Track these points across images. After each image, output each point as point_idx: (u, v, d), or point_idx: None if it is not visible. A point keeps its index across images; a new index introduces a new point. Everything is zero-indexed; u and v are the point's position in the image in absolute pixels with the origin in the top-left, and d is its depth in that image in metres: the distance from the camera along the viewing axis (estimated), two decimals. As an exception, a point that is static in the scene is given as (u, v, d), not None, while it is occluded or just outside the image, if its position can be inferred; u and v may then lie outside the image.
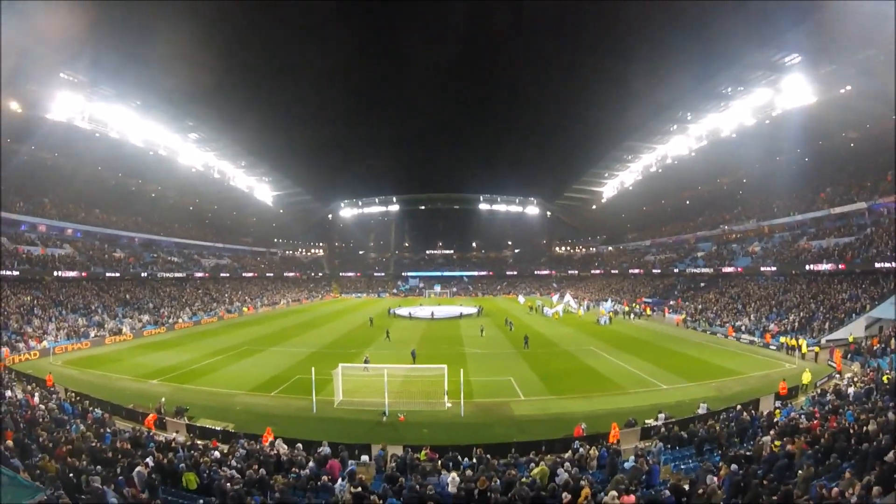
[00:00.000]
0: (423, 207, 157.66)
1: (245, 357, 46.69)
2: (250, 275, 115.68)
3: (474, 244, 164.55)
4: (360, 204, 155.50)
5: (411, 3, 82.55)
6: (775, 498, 12.58)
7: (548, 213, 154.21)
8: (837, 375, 33.12)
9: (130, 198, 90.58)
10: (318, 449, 20.63)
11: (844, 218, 59.18)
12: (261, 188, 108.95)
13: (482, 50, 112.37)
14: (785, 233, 69.30)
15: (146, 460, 17.33)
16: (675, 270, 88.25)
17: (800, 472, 13.96)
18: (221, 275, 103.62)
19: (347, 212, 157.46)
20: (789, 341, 43.91)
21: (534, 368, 39.87)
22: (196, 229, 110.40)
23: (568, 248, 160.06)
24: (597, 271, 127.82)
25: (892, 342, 36.65)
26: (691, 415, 24.97)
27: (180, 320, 69.50)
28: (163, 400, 28.51)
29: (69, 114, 54.86)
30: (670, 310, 72.91)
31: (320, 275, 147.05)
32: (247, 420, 27.51)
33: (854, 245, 53.29)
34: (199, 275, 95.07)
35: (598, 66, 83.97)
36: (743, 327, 53.72)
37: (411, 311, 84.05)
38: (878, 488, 11.30)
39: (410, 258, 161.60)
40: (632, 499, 13.15)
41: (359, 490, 15.33)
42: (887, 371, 28.43)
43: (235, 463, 18.22)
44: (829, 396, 25.16)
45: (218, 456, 18.95)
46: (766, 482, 13.38)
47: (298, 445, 21.16)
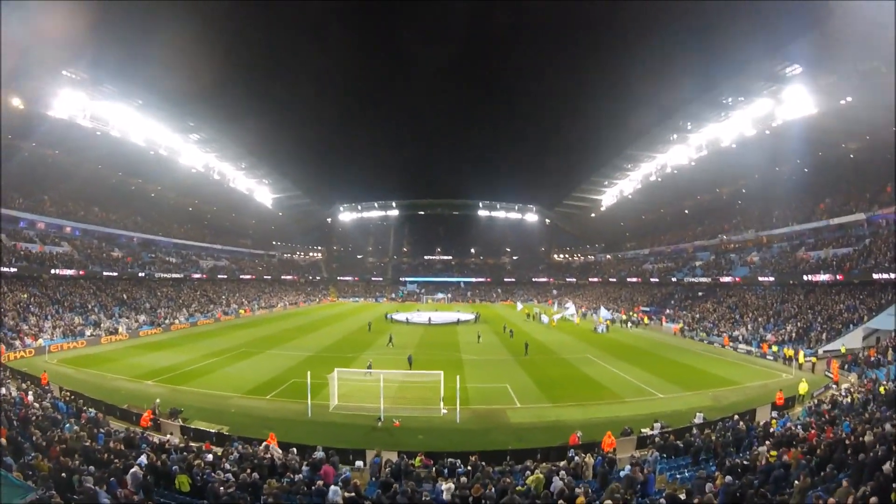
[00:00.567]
0: (422, 213, 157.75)
1: (241, 359, 46.56)
2: (248, 277, 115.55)
3: (473, 250, 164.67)
4: (360, 208, 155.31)
5: (413, 11, 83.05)
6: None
7: (547, 220, 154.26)
8: (834, 386, 33.05)
9: (130, 197, 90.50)
10: (313, 454, 20.56)
11: (843, 229, 59.29)
12: (261, 190, 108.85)
13: (484, 57, 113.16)
14: (784, 243, 69.34)
15: (139, 461, 17.27)
16: (673, 279, 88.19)
17: (796, 482, 13.88)
18: (219, 276, 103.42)
19: (347, 216, 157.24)
20: (787, 351, 43.86)
21: (530, 376, 39.75)
22: (195, 230, 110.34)
23: (566, 255, 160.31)
24: (595, 279, 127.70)
25: (890, 353, 36.66)
26: (688, 424, 24.87)
27: (177, 321, 69.35)
28: (157, 401, 28.40)
29: (71, 111, 54.79)
30: (668, 319, 72.84)
31: (318, 278, 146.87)
32: (242, 423, 27.34)
33: (852, 256, 53.32)
34: (196, 276, 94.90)
35: (600, 75, 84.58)
36: (740, 337, 53.68)
37: (409, 316, 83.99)
38: (875, 499, 11.22)
39: (409, 263, 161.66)
40: (627, 508, 13.07)
41: (352, 495, 15.26)
42: (884, 382, 28.41)
43: (229, 466, 18.12)
44: (825, 407, 25.11)
45: (211, 458, 18.84)
46: (762, 492, 13.30)
47: (293, 450, 21.04)
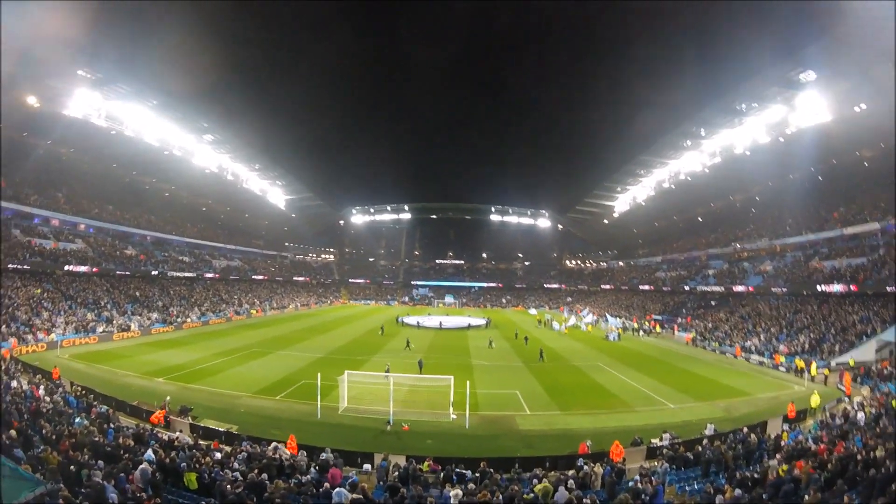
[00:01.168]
0: (434, 217, 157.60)
1: (252, 359, 46.87)
2: (260, 277, 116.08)
3: (484, 255, 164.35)
4: (372, 211, 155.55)
5: (426, 17, 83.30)
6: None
7: (559, 226, 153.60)
8: (846, 399, 32.76)
9: (144, 196, 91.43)
10: (321, 455, 20.63)
11: (857, 238, 58.66)
12: (274, 192, 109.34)
13: (497, 61, 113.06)
14: (797, 252, 68.78)
15: (146, 455, 17.40)
16: (686, 288, 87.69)
17: (806, 497, 13.78)
18: (231, 276, 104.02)
19: (359, 218, 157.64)
20: (798, 363, 43.49)
21: (541, 382, 39.69)
22: (208, 230, 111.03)
23: (578, 261, 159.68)
24: (607, 286, 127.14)
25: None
26: (698, 435, 24.69)
27: (189, 320, 69.90)
28: (168, 398, 28.69)
29: (86, 110, 55.34)
30: (680, 327, 72.45)
31: (330, 280, 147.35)
32: (251, 422, 27.55)
33: (866, 266, 52.82)
34: (209, 275, 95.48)
35: (613, 81, 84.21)
36: (752, 347, 53.30)
37: (420, 320, 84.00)
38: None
39: (420, 267, 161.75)
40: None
41: (359, 498, 15.30)
42: (897, 396, 28.09)
43: (237, 465, 18.22)
44: (837, 420, 24.87)
45: (219, 457, 18.95)
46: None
47: (301, 451, 21.13)
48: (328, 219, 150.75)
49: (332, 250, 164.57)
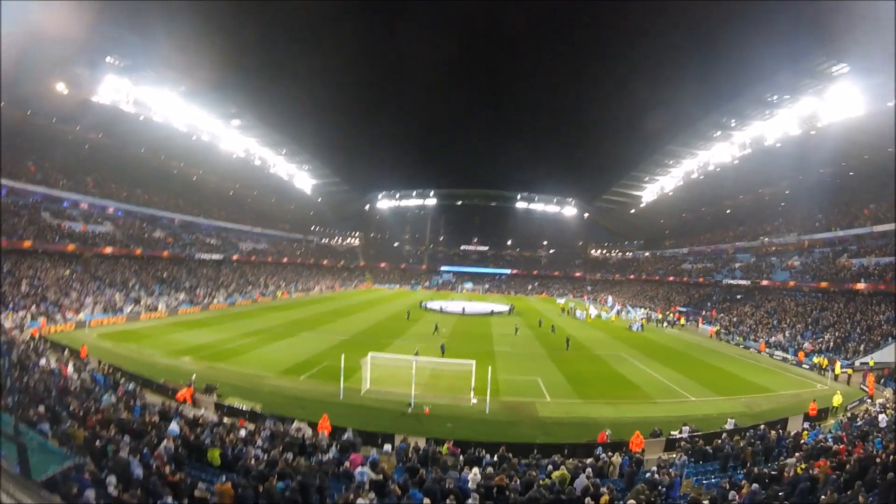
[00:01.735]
0: (459, 203, 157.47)
1: (277, 340, 47.57)
2: (286, 260, 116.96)
3: (509, 242, 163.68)
4: (398, 196, 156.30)
5: (458, 6, 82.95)
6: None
7: (585, 214, 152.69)
8: (869, 400, 32.40)
9: (172, 180, 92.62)
10: (344, 435, 21.03)
11: (886, 237, 57.56)
12: (300, 176, 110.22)
13: (529, 48, 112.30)
14: (826, 248, 67.76)
15: (171, 430, 17.88)
16: (712, 280, 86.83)
17: (822, 497, 13.78)
18: (258, 259, 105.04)
19: (384, 203, 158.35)
20: (822, 361, 42.98)
21: (562, 370, 39.78)
22: (235, 213, 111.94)
23: (604, 251, 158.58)
24: (632, 277, 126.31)
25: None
26: (718, 429, 24.68)
27: (215, 301, 70.91)
28: (193, 377, 29.25)
29: (114, 97, 56.21)
30: (704, 320, 71.86)
31: (354, 264, 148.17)
32: (275, 402, 28.07)
33: (895, 265, 51.88)
34: (236, 258, 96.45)
35: (645, 69, 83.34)
36: (777, 343, 52.76)
37: (443, 305, 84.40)
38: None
39: (444, 252, 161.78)
40: (650, 510, 13.13)
41: (380, 478, 15.63)
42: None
43: (260, 443, 18.64)
44: (858, 421, 24.65)
45: (243, 435, 19.40)
46: (787, 504, 13.24)
47: (324, 431, 21.52)
48: (354, 203, 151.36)
49: (357, 234, 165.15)
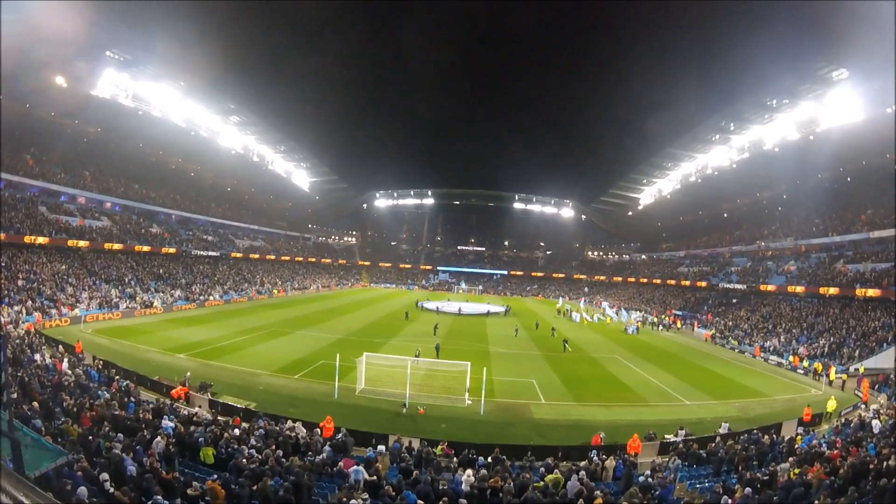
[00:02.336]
0: (457, 203, 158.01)
1: (272, 338, 47.54)
2: (283, 258, 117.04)
3: (506, 243, 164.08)
4: (395, 195, 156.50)
5: (457, 7, 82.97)
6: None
7: (582, 216, 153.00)
8: (863, 406, 32.46)
9: (170, 175, 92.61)
10: (337, 436, 21.04)
11: (884, 243, 57.68)
12: (298, 174, 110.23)
13: (526, 48, 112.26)
14: (822, 253, 67.77)
15: (164, 426, 17.88)
16: (708, 284, 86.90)
17: (816, 502, 13.81)
18: (254, 256, 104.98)
19: (382, 202, 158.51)
20: (818, 366, 43.01)
21: (557, 372, 39.83)
22: (232, 210, 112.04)
23: (601, 253, 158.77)
24: (629, 279, 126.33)
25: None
26: (712, 433, 24.70)
27: (211, 298, 70.84)
28: (188, 374, 29.23)
29: (113, 91, 56.09)
30: (700, 324, 71.94)
31: (351, 263, 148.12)
32: (269, 400, 28.12)
33: (891, 272, 51.96)
34: (232, 254, 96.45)
35: (645, 71, 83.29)
36: (772, 348, 52.84)
37: (439, 305, 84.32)
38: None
39: (441, 252, 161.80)
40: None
41: (374, 479, 15.66)
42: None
43: (254, 442, 18.63)
44: (852, 427, 24.70)
45: (237, 433, 19.39)
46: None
47: (317, 430, 21.52)
48: (351, 202, 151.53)
49: (354, 233, 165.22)
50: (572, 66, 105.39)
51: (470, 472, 16.72)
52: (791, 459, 19.04)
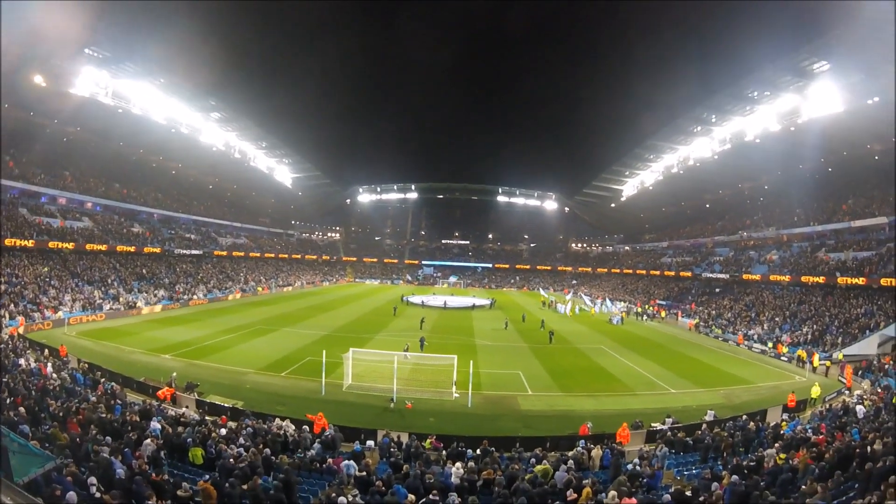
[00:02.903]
0: (440, 196, 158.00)
1: (257, 336, 47.37)
2: (267, 255, 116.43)
3: (490, 236, 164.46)
4: (379, 190, 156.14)
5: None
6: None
7: (566, 208, 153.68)
8: (847, 392, 32.89)
9: (151, 174, 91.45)
10: (326, 433, 20.99)
11: (865, 232, 58.46)
12: (280, 170, 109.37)
13: (507, 44, 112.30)
14: (804, 243, 68.53)
15: (152, 427, 17.75)
16: (691, 274, 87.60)
17: (803, 487, 13.97)
18: (238, 254, 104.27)
19: (365, 197, 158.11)
20: (802, 353, 43.50)
21: (543, 364, 40.04)
22: (215, 208, 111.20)
23: (584, 245, 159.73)
24: (613, 270, 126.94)
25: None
26: (698, 421, 24.93)
27: (195, 297, 70.33)
28: (174, 374, 29.00)
29: (92, 89, 55.30)
30: (683, 313, 72.51)
31: (335, 258, 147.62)
32: (256, 399, 28.05)
33: (873, 260, 52.67)
34: (215, 253, 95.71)
35: (624, 62, 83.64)
36: (755, 336, 53.37)
37: (424, 299, 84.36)
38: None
39: (426, 247, 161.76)
40: (633, 501, 13.24)
41: (363, 474, 15.66)
42: (896, 391, 28.13)
43: (243, 441, 18.55)
44: (836, 413, 25.02)
45: (225, 433, 19.28)
46: (768, 494, 13.39)
47: (305, 427, 21.47)
48: (335, 197, 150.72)
49: (338, 229, 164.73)
50: (555, 58, 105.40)
51: (459, 465, 16.79)
52: (777, 445, 19.25)
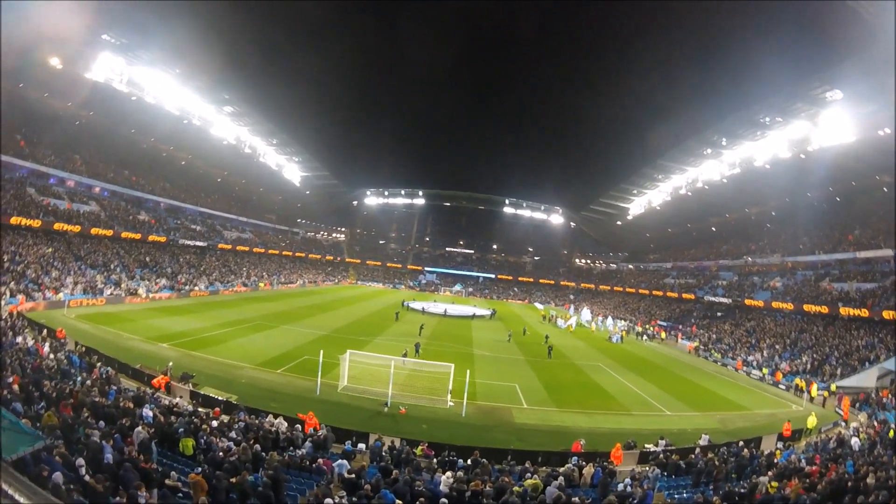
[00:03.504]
0: (447, 204, 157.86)
1: (256, 332, 47.39)
2: (271, 252, 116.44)
3: (494, 246, 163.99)
4: (386, 193, 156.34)
5: (449, 6, 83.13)
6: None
7: (572, 223, 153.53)
8: (843, 423, 32.70)
9: (160, 163, 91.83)
10: (318, 433, 20.95)
11: (869, 263, 58.16)
12: (289, 167, 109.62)
13: (522, 56, 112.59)
14: (808, 271, 68.18)
15: (144, 418, 17.70)
16: (694, 296, 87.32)
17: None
18: (242, 248, 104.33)
19: (372, 200, 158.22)
20: (800, 382, 43.29)
21: (540, 378, 39.92)
22: (222, 201, 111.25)
23: (588, 261, 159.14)
24: (615, 288, 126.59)
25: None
26: (692, 445, 24.80)
27: (197, 288, 70.41)
28: (170, 364, 29.01)
29: (108, 75, 55.57)
30: (684, 336, 72.26)
31: (339, 259, 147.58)
32: (250, 394, 28.01)
33: (876, 292, 52.40)
34: (220, 246, 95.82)
35: (641, 82, 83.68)
36: (754, 362, 53.13)
37: (425, 306, 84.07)
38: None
39: (430, 253, 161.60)
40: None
41: (352, 477, 15.60)
42: (893, 425, 27.96)
43: (234, 435, 18.50)
44: (831, 444, 24.88)
45: (216, 425, 19.24)
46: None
47: (298, 426, 21.43)
48: (342, 198, 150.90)
49: (343, 230, 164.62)
50: (568, 72, 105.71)
51: (449, 473, 16.71)
52: (770, 473, 19.13)
